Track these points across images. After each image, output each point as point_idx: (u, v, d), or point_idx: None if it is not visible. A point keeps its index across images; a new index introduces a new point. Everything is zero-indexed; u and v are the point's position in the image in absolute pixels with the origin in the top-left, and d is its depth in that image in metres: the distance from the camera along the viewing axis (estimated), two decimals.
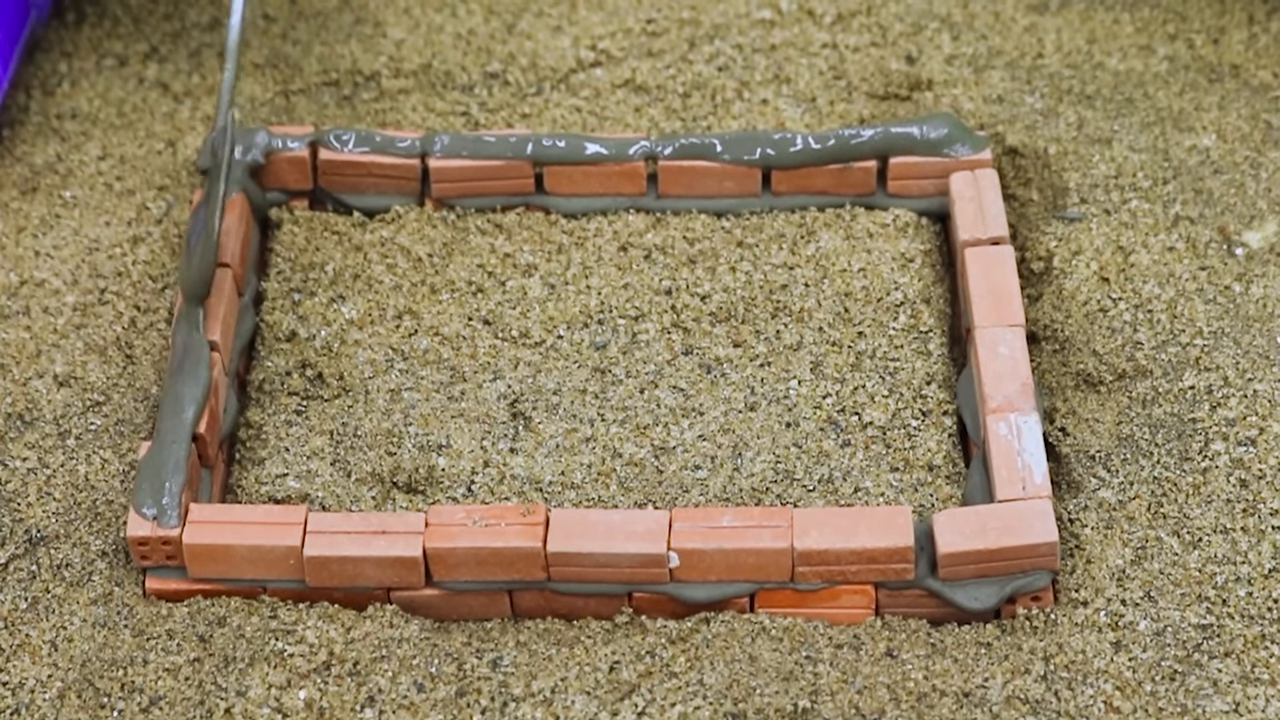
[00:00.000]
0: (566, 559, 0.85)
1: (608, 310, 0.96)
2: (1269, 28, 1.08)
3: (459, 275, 0.98)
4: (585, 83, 1.06)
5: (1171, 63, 1.06)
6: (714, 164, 0.99)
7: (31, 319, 0.96)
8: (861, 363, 0.94)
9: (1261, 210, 0.99)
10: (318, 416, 0.93)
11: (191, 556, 0.86)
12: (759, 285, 0.97)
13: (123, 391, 0.94)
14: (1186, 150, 1.02)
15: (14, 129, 1.05)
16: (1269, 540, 0.86)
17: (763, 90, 1.05)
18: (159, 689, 0.83)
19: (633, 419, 0.92)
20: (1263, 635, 0.83)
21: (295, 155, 1.00)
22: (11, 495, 0.90)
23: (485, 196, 1.00)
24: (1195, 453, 0.89)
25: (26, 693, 0.84)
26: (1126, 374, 0.92)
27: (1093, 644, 0.84)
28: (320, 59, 1.08)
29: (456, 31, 1.09)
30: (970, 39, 1.08)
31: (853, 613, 0.86)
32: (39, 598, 0.87)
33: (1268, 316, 0.94)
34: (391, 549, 0.85)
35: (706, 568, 0.85)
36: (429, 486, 0.90)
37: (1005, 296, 0.92)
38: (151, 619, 0.86)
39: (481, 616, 0.87)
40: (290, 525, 0.86)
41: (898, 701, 0.82)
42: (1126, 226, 0.98)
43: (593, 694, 0.82)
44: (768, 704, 0.81)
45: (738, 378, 0.94)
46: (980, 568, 0.85)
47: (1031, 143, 1.02)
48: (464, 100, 1.06)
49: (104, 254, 0.99)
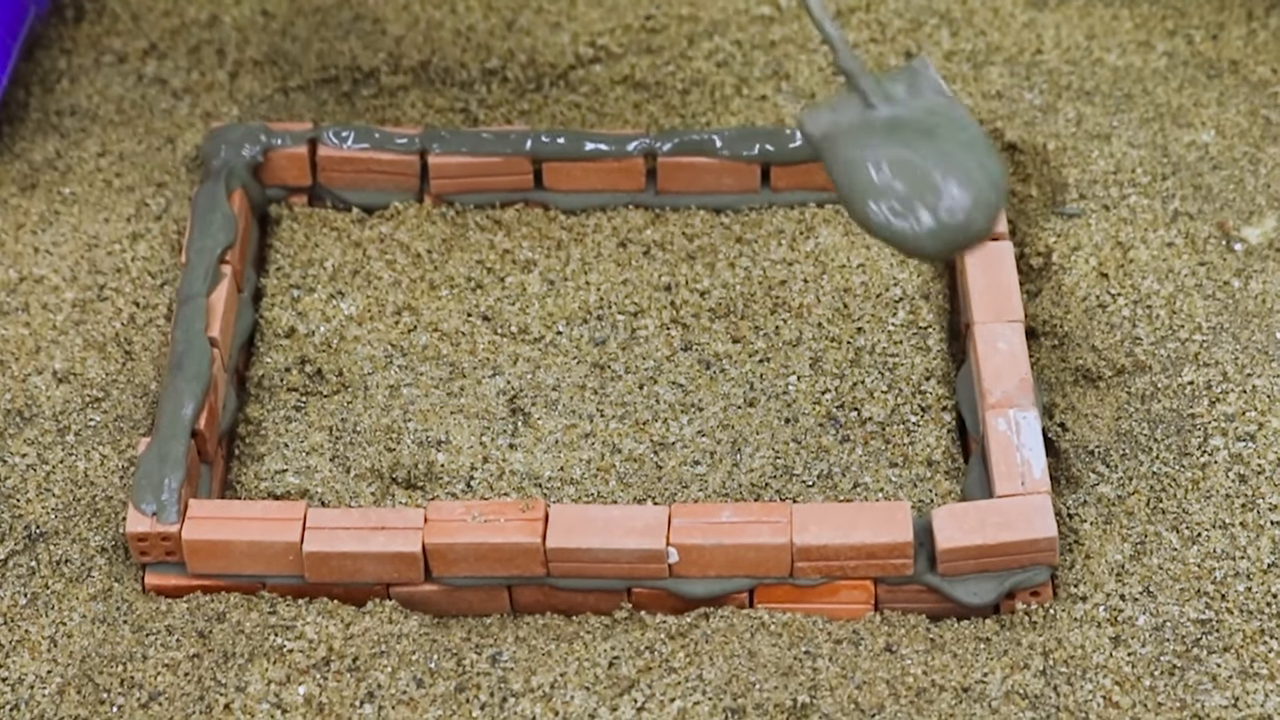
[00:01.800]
0: (566, 554, 0.85)
1: (607, 306, 0.96)
2: (1268, 24, 1.08)
3: (458, 271, 0.98)
4: (584, 79, 1.06)
5: (1170, 59, 1.06)
6: (713, 160, 0.99)
7: (31, 315, 0.96)
8: (860, 358, 0.94)
9: (1260, 206, 0.99)
10: (317, 412, 0.93)
11: (191, 552, 0.86)
12: (758, 281, 0.97)
13: (122, 388, 0.94)
14: (1185, 146, 1.02)
15: (13, 126, 1.05)
16: (1268, 535, 0.86)
17: (762, 86, 1.05)
18: (158, 684, 0.83)
19: (632, 414, 0.92)
20: (1261, 630, 0.83)
21: (294, 152, 1.00)
22: (11, 491, 0.90)
23: (484, 192, 1.00)
24: (1194, 448, 0.89)
25: (26, 688, 0.84)
26: (1125, 369, 0.92)
27: (1092, 639, 0.84)
28: (319, 55, 1.08)
29: (455, 28, 1.09)
30: (969, 35, 1.08)
31: (852, 608, 0.86)
32: (38, 594, 0.87)
33: (1266, 312, 0.94)
34: (391, 544, 0.85)
35: (706, 563, 0.85)
36: (428, 482, 0.90)
37: (1004, 292, 0.92)
38: (151, 615, 0.86)
39: (481, 612, 0.87)
40: (289, 521, 0.86)
41: (897, 696, 0.82)
42: (1125, 222, 0.98)
43: (592, 689, 0.82)
44: (767, 699, 0.81)
45: (737, 373, 0.94)
46: (979, 563, 0.85)
47: (1030, 138, 1.02)
48: (463, 96, 1.06)
49: (103, 250, 0.99)
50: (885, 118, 0.82)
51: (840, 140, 0.82)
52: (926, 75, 0.84)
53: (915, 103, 0.83)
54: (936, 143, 0.81)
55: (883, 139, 0.82)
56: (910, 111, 0.83)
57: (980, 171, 0.80)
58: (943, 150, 0.81)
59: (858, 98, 0.83)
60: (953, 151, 0.81)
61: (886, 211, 0.80)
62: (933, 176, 0.80)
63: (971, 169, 0.80)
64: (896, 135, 0.81)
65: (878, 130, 0.82)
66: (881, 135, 0.82)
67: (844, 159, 0.82)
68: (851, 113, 0.83)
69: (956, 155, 0.81)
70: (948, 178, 0.80)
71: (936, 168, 0.80)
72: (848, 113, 0.83)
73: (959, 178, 0.80)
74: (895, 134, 0.82)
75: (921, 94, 0.83)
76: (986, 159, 0.81)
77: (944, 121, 0.82)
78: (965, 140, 0.81)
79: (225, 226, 0.96)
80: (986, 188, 0.80)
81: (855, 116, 0.83)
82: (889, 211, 0.80)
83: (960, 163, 0.80)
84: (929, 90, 0.83)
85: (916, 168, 0.80)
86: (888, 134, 0.82)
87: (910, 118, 0.82)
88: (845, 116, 0.83)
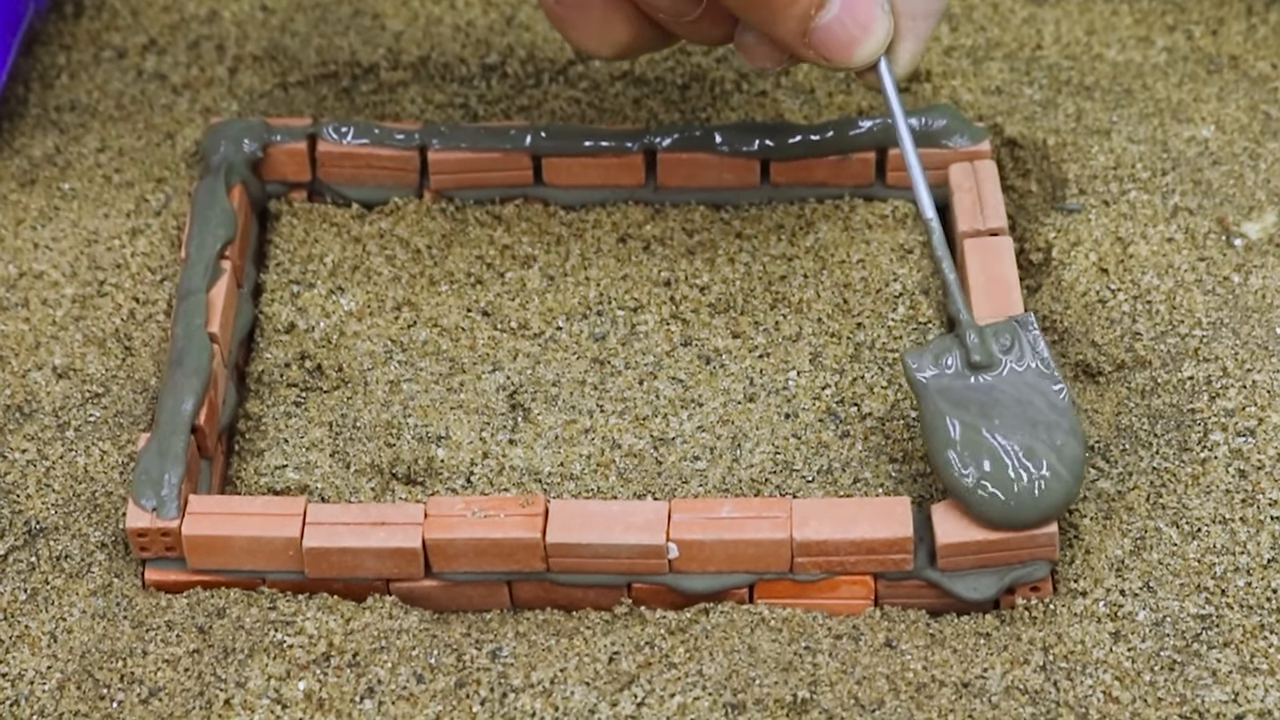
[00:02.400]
0: (565, 550, 0.85)
1: (606, 301, 0.96)
2: (1267, 19, 1.08)
3: (458, 267, 0.98)
4: (584, 74, 1.06)
5: (1170, 54, 1.06)
6: (713, 155, 0.99)
7: (30, 311, 0.96)
8: (860, 354, 0.94)
9: (1260, 201, 0.99)
10: (317, 408, 0.93)
11: (190, 548, 0.86)
12: (758, 276, 0.97)
13: (122, 383, 0.94)
14: (1185, 141, 1.02)
15: (12, 121, 1.05)
16: (1268, 530, 0.86)
17: (761, 82, 1.05)
18: (158, 680, 0.83)
19: (632, 410, 0.92)
20: (1261, 625, 0.83)
21: (294, 147, 1.00)
22: (11, 487, 0.90)
23: (484, 188, 1.00)
24: (1194, 443, 0.89)
25: (26, 684, 0.84)
26: (1125, 365, 0.92)
27: (1092, 634, 0.84)
28: (319, 51, 1.08)
29: (455, 23, 1.09)
30: (969, 30, 1.08)
31: (852, 603, 0.86)
32: (38, 589, 0.87)
33: (1266, 307, 0.94)
34: (390, 540, 0.85)
35: (706, 558, 0.85)
36: (428, 478, 0.90)
37: (1004, 287, 0.92)
38: (151, 610, 0.86)
39: (481, 607, 0.87)
40: (289, 517, 0.86)
41: (897, 692, 0.82)
42: (1125, 218, 0.98)
43: (592, 684, 0.82)
44: (767, 694, 0.81)
45: (737, 369, 0.94)
46: (979, 558, 0.85)
47: (1030, 134, 1.02)
48: (463, 92, 1.06)
49: (103, 246, 0.99)
50: (982, 386, 0.86)
51: (939, 395, 0.85)
52: (1029, 334, 0.87)
53: (1014, 372, 0.86)
54: (1023, 423, 0.84)
55: (977, 409, 0.85)
56: (1005, 383, 0.86)
57: (1056, 460, 0.84)
58: (1026, 439, 0.84)
59: (959, 348, 0.86)
60: (1034, 444, 0.84)
61: (958, 471, 0.84)
62: (1008, 464, 0.84)
63: (1050, 461, 0.84)
64: (990, 408, 0.85)
65: (975, 394, 0.85)
66: (977, 402, 0.85)
67: (936, 411, 0.85)
68: (953, 365, 0.86)
69: (1037, 447, 0.84)
70: (1022, 469, 0.84)
71: (1013, 457, 0.84)
72: (950, 362, 0.86)
73: (1031, 471, 0.84)
74: (989, 406, 0.85)
75: (1023, 356, 0.86)
76: (1067, 444, 0.84)
77: (1036, 396, 0.85)
78: (1050, 423, 0.85)
79: (225, 222, 0.96)
80: (1054, 484, 0.84)
81: (956, 373, 0.86)
82: (960, 473, 0.84)
83: (1039, 454, 0.84)
84: (1029, 354, 0.86)
85: (996, 450, 0.84)
86: (983, 402, 0.85)
87: (1005, 389, 0.85)
88: (947, 367, 0.86)
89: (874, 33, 0.87)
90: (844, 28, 0.86)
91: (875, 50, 0.87)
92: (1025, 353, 0.86)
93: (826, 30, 0.86)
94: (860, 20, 0.86)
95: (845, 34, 0.86)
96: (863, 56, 0.87)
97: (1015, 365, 0.86)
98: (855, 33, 0.86)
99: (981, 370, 0.86)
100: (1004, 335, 0.86)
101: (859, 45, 0.87)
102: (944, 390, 0.85)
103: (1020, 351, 0.86)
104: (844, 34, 0.86)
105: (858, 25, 0.86)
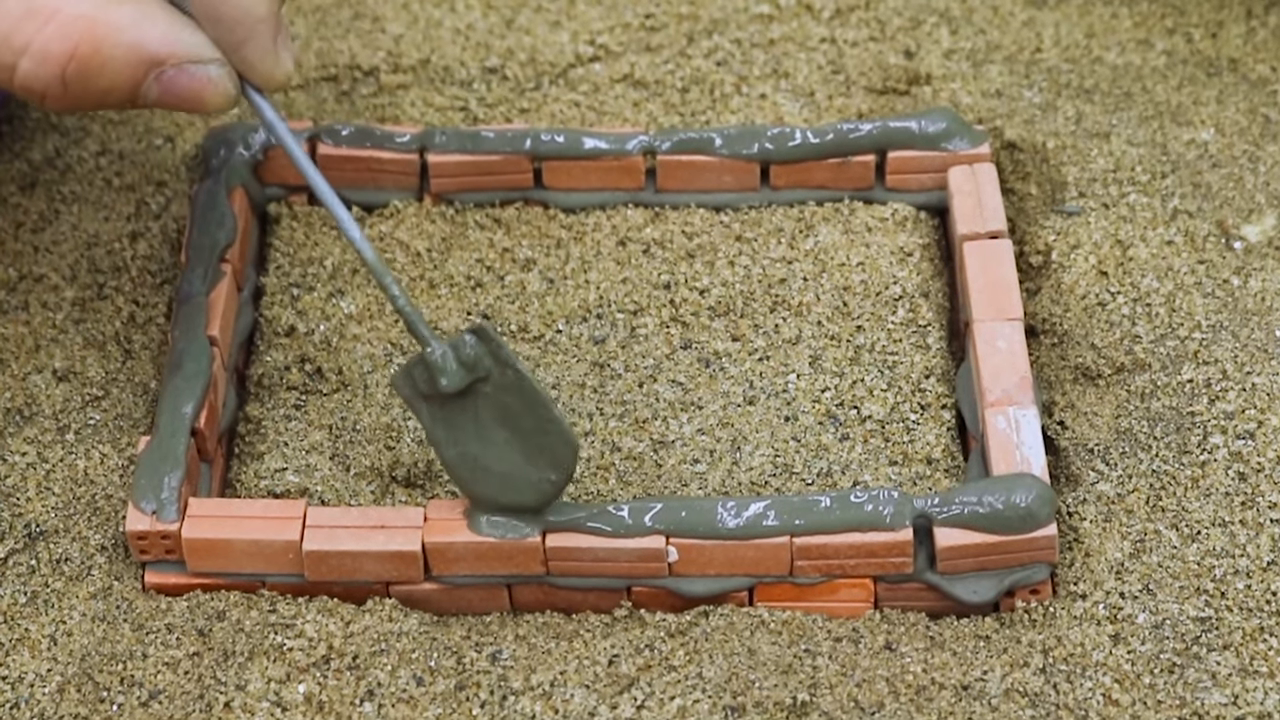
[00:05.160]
0: (565, 553, 0.85)
1: (606, 305, 0.96)
2: (1267, 22, 1.08)
3: (457, 270, 0.98)
4: (584, 77, 1.06)
5: (1169, 57, 1.06)
6: (712, 158, 0.99)
7: (30, 314, 0.96)
8: (860, 356, 0.94)
9: (1260, 204, 0.99)
10: (317, 411, 0.93)
11: (190, 551, 0.86)
12: (757, 279, 0.97)
13: (121, 386, 0.94)
14: (1185, 144, 1.02)
15: (13, 125, 1.05)
16: (1267, 533, 0.86)
17: (761, 85, 1.05)
18: (158, 683, 0.83)
19: (631, 413, 0.92)
20: (1261, 628, 0.83)
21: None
22: (11, 490, 0.90)
23: (484, 191, 1.00)
24: (1194, 446, 0.89)
25: (26, 687, 0.84)
26: (1125, 367, 0.92)
27: (1091, 637, 0.84)
28: (319, 54, 1.08)
29: (455, 26, 1.09)
30: (969, 33, 1.08)
31: (851, 606, 0.86)
32: (38, 592, 0.87)
33: (1266, 310, 0.94)
34: (391, 543, 0.85)
35: (705, 562, 0.85)
36: (428, 481, 0.90)
37: (1004, 290, 0.92)
38: (151, 613, 0.86)
39: (480, 610, 0.87)
40: (289, 520, 0.86)
41: (896, 695, 0.82)
42: (1125, 220, 0.98)
43: (592, 687, 0.82)
44: (767, 697, 0.81)
45: (736, 372, 0.94)
46: (979, 561, 0.85)
47: (1030, 137, 1.02)
48: (463, 95, 1.06)
49: (103, 249, 0.99)
50: (463, 403, 0.85)
51: (425, 411, 0.85)
52: (491, 340, 0.84)
53: (490, 382, 0.84)
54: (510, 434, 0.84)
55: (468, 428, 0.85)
56: (482, 399, 0.84)
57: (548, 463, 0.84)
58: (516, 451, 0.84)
59: (427, 371, 0.84)
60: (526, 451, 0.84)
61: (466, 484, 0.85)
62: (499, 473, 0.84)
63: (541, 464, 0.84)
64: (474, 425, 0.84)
65: (452, 410, 0.85)
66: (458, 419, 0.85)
67: (429, 429, 0.85)
68: (429, 386, 0.85)
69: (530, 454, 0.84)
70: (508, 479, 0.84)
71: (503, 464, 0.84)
72: (427, 383, 0.85)
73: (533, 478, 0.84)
74: (473, 423, 0.84)
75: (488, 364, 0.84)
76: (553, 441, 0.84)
77: (515, 400, 0.84)
78: (535, 426, 0.84)
79: (225, 225, 0.96)
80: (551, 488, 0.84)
81: (430, 389, 0.85)
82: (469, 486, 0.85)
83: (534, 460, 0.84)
84: (495, 358, 0.84)
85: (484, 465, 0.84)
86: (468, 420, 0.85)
87: (483, 405, 0.84)
88: (425, 386, 0.85)
89: (208, 93, 0.83)
90: (178, 97, 0.83)
91: (223, 97, 0.84)
92: (490, 364, 0.84)
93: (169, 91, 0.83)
94: (185, 92, 0.83)
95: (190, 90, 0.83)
96: (216, 105, 0.84)
97: (484, 385, 0.84)
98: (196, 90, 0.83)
99: (453, 391, 0.84)
100: (465, 350, 0.84)
101: (204, 101, 0.84)
102: (431, 410, 0.84)
103: (485, 366, 0.84)
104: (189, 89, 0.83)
105: (190, 93, 0.83)
